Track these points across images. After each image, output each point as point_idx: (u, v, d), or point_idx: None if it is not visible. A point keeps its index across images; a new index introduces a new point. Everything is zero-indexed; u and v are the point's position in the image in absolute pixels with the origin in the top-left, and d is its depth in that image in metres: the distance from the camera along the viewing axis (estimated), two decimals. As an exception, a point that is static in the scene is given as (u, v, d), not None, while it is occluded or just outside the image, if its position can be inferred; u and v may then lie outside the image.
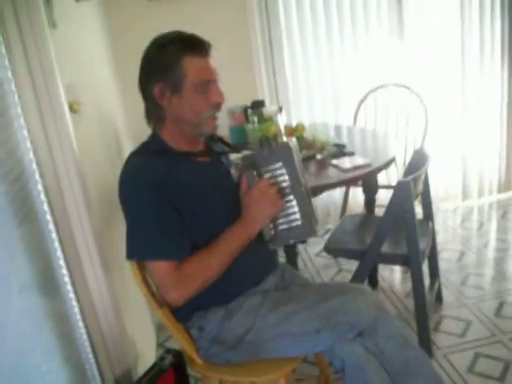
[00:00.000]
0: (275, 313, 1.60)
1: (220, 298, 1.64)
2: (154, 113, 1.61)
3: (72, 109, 1.73)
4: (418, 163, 2.35)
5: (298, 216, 1.59)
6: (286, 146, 1.59)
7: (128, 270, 1.66)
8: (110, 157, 2.40)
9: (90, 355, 1.77)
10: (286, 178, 1.57)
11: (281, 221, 1.61)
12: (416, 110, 3.42)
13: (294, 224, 1.60)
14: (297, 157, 1.61)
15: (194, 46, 1.53)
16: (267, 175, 1.58)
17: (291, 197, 1.58)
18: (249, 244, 1.58)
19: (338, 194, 3.84)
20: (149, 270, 1.56)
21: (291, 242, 1.67)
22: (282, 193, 1.57)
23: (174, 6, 3.21)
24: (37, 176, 1.56)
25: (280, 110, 2.78)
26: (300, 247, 3.54)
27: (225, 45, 3.00)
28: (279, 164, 1.57)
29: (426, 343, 2.28)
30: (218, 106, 1.59)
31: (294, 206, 1.59)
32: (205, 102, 1.55)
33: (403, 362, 1.57)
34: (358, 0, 3.55)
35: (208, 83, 1.55)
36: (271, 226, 1.60)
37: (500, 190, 4.21)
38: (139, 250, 1.53)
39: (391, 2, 3.60)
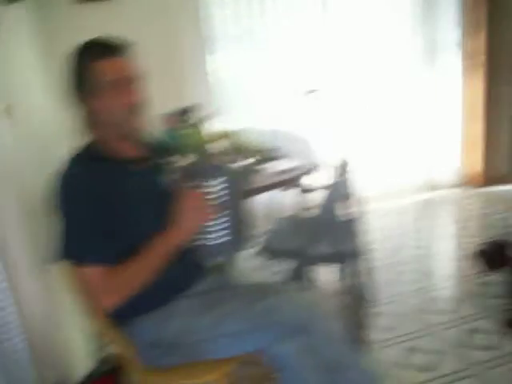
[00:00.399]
0: (211, 314, 1.61)
1: (156, 302, 1.64)
2: (82, 119, 1.61)
3: (5, 112, 1.70)
4: (346, 165, 2.42)
5: (227, 232, 1.58)
6: (220, 161, 1.59)
7: (63, 276, 1.63)
8: (44, 160, 2.35)
9: (27, 362, 1.74)
10: (219, 192, 1.55)
11: (211, 236, 1.58)
12: (346, 112, 3.52)
13: (224, 240, 1.59)
14: (231, 170, 1.60)
15: (100, 49, 1.54)
16: (200, 187, 1.55)
17: (223, 212, 1.57)
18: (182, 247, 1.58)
19: (271, 196, 3.87)
20: (79, 276, 1.52)
21: (220, 257, 1.66)
22: (214, 207, 1.55)
23: (104, 8, 3.19)
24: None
25: (212, 115, 2.79)
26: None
27: (156, 47, 3.03)
28: (213, 178, 1.54)
29: (361, 339, 2.35)
30: (131, 106, 1.58)
31: (224, 221, 1.58)
32: (117, 102, 1.55)
33: (339, 358, 1.60)
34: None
35: (119, 83, 1.54)
36: (200, 240, 1.58)
37: (431, 189, 4.38)
38: (72, 254, 1.50)
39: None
